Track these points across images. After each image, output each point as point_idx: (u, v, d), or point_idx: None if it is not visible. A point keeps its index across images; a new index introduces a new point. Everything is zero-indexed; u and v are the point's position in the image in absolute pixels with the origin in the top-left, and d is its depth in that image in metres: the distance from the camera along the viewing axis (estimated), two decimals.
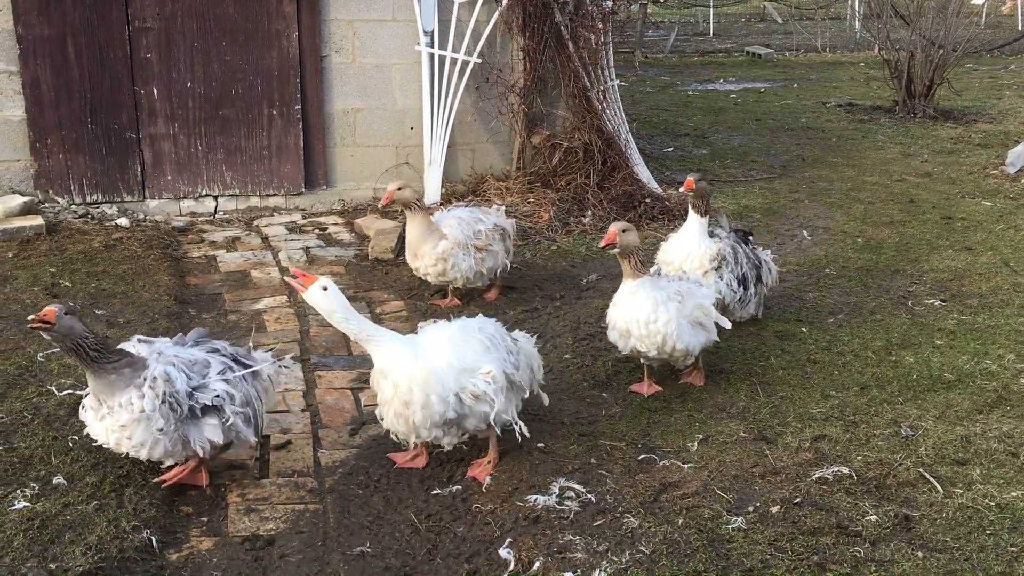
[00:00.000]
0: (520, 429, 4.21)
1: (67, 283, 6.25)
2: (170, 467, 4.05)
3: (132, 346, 4.02)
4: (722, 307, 5.40)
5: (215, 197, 8.11)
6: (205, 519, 3.95)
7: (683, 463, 4.28)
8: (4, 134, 7.50)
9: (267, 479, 4.25)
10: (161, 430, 3.81)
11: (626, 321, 4.72)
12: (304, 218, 8.07)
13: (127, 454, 3.92)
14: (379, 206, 5.52)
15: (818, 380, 5.13)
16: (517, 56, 8.56)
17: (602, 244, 4.66)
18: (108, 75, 7.58)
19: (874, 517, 3.81)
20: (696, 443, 4.45)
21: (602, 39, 8.66)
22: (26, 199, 7.33)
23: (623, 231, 4.63)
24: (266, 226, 7.84)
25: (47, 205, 7.59)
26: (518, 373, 4.19)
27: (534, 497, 4.00)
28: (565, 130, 8.63)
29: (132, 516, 3.83)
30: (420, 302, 6.29)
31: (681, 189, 5.70)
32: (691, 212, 5.62)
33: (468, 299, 6.31)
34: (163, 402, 3.79)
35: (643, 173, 8.78)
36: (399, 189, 5.74)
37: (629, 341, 4.76)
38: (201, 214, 8.03)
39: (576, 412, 4.82)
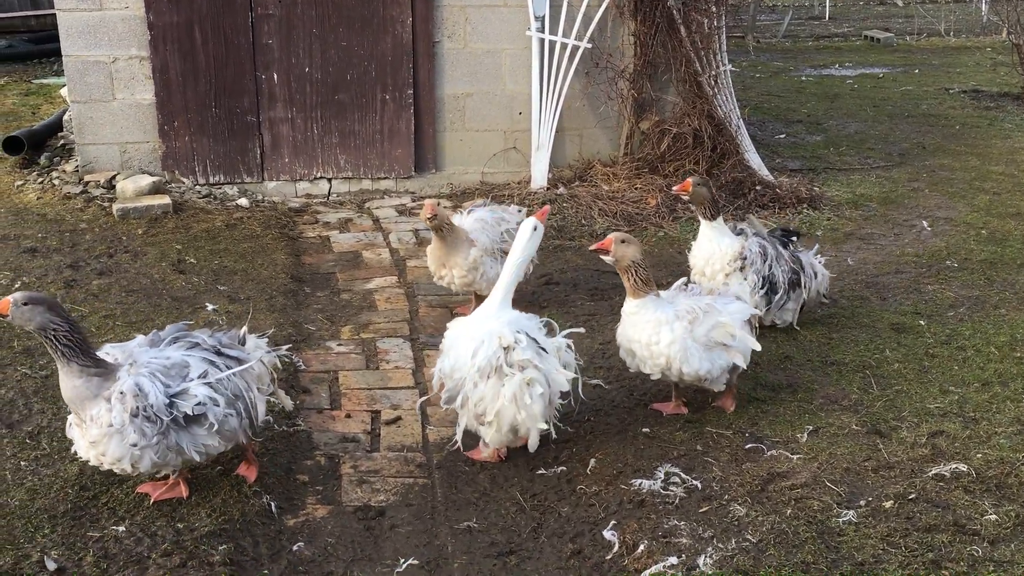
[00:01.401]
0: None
1: (192, 260, 6.54)
2: (165, 476, 3.88)
3: (104, 353, 3.76)
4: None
5: (329, 180, 8.34)
6: (320, 488, 4.11)
7: (792, 454, 4.21)
8: (135, 117, 7.89)
9: (378, 452, 4.39)
10: (135, 445, 3.56)
11: (628, 341, 4.43)
12: (413, 201, 8.23)
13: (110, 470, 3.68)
14: (422, 217, 5.42)
15: (936, 375, 4.96)
16: (628, 41, 8.50)
17: (593, 247, 4.40)
18: (232, 60, 7.88)
19: (994, 516, 3.69)
20: (806, 434, 4.38)
21: (715, 23, 8.52)
22: (154, 179, 7.70)
23: (621, 241, 4.30)
24: (377, 208, 8.03)
25: (173, 185, 7.95)
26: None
27: (639, 481, 4.02)
28: (675, 116, 8.53)
29: (253, 482, 4.02)
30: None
31: (674, 189, 5.37)
32: (701, 219, 5.39)
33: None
34: (135, 416, 3.55)
35: (754, 160, 8.62)
36: (438, 204, 5.63)
37: (634, 361, 4.50)
38: (315, 196, 8.28)
39: None
